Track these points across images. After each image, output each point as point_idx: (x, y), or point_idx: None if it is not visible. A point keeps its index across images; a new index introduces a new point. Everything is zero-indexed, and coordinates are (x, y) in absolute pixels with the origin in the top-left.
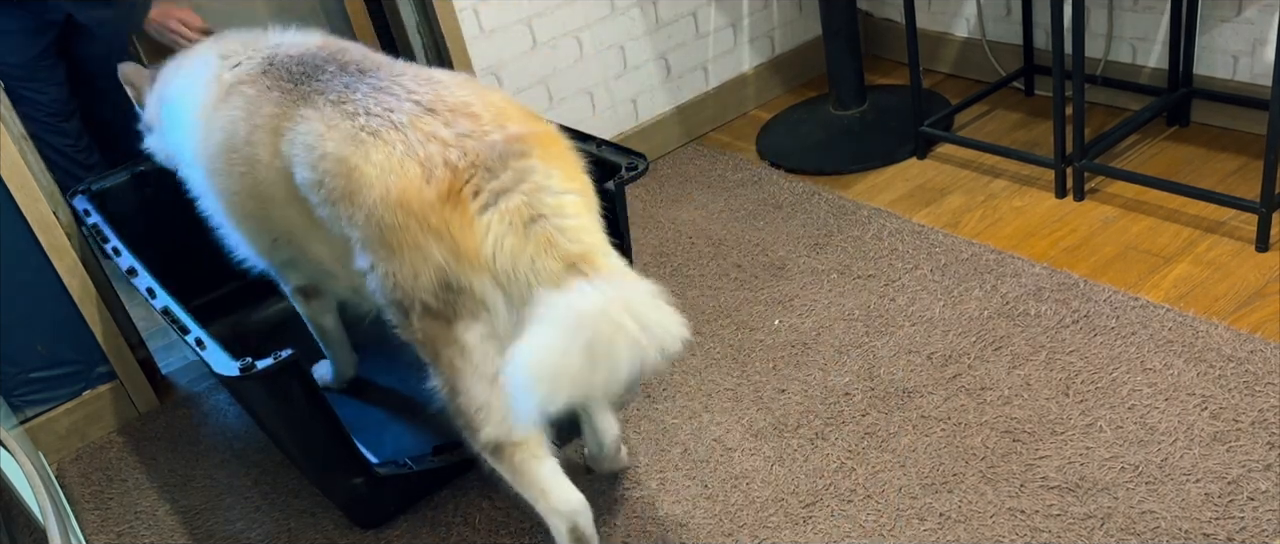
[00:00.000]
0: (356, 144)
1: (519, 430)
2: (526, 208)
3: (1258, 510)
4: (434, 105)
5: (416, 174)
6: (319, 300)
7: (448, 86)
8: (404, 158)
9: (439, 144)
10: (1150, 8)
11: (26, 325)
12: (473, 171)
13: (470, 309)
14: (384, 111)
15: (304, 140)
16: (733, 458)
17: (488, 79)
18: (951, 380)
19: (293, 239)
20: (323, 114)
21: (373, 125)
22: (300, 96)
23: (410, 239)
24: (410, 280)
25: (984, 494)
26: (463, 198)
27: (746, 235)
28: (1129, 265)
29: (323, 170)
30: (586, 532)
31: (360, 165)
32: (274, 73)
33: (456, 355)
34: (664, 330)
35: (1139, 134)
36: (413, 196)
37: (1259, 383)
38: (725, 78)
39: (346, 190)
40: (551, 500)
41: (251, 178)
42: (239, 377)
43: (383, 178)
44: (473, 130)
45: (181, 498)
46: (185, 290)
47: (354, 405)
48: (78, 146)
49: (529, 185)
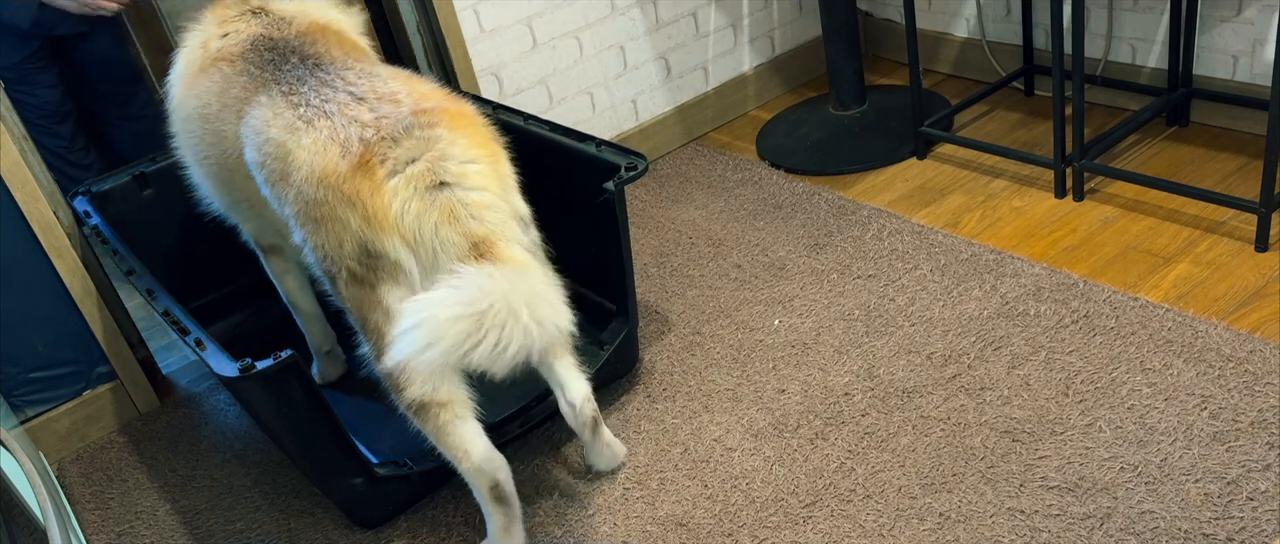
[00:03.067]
0: (292, 131)
1: (444, 392)
2: (429, 173)
3: (1257, 510)
4: (365, 95)
5: (336, 153)
6: (280, 259)
7: (384, 79)
8: (328, 141)
9: (359, 126)
10: (1150, 8)
11: (27, 325)
12: (381, 143)
13: (390, 273)
14: (320, 102)
15: (253, 125)
16: (733, 458)
17: (488, 79)
18: (951, 380)
19: (252, 204)
20: (273, 102)
21: (308, 115)
22: (261, 84)
23: (330, 211)
24: (335, 249)
25: (984, 494)
26: (372, 166)
27: (746, 235)
28: (1129, 265)
29: (265, 153)
30: (506, 490)
31: (294, 150)
32: (251, 56)
33: (381, 319)
34: (554, 325)
35: (1139, 134)
36: (331, 171)
37: (1259, 383)
38: (725, 78)
39: (282, 172)
40: (473, 460)
41: (219, 149)
42: (239, 377)
43: (309, 159)
44: (391, 112)
45: (181, 498)
46: (185, 291)
47: (354, 405)
48: (72, 148)
49: (433, 153)
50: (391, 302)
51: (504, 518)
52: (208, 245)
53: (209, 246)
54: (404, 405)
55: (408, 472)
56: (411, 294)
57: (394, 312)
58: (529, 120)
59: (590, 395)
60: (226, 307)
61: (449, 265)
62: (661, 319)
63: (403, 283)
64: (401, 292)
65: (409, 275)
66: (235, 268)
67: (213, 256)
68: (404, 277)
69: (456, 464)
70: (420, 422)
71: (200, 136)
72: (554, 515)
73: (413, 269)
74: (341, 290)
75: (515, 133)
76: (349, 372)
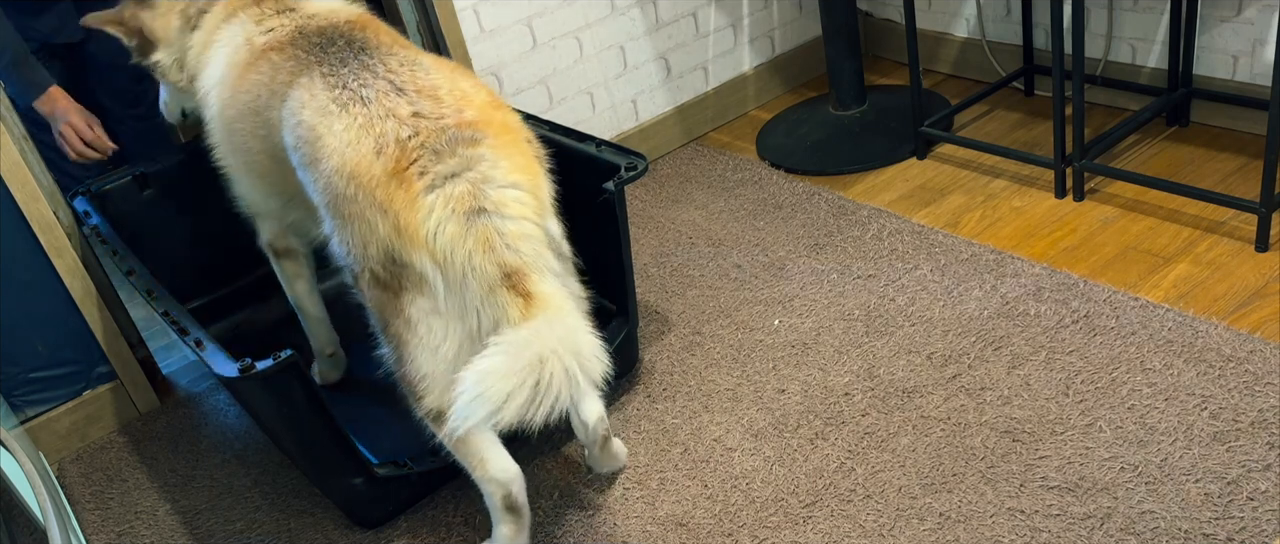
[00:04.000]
0: (324, 114)
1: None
2: (470, 197)
3: (1257, 510)
4: (404, 86)
5: (369, 148)
6: (293, 262)
7: (426, 70)
8: (361, 132)
9: (395, 121)
10: (1150, 8)
11: (27, 325)
12: (421, 152)
13: (415, 284)
14: (357, 87)
15: (290, 106)
16: (733, 458)
17: (488, 79)
18: (951, 380)
19: (298, 198)
20: (312, 84)
21: (343, 98)
22: (305, 67)
23: (358, 210)
24: (360, 249)
25: (984, 494)
26: (408, 176)
27: (746, 235)
28: (1129, 265)
29: (298, 136)
30: (519, 500)
31: (324, 135)
32: (300, 42)
33: (402, 327)
34: (594, 367)
35: (1139, 134)
36: (363, 170)
37: (1259, 383)
38: (725, 78)
39: (313, 156)
40: (488, 469)
41: (269, 141)
42: (238, 377)
43: (340, 149)
44: (430, 111)
45: (182, 498)
46: (185, 291)
47: (354, 405)
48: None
49: (475, 174)
50: (413, 311)
51: (514, 527)
52: (207, 245)
53: (209, 246)
54: (421, 413)
55: (408, 472)
56: (435, 307)
57: (415, 321)
58: (529, 120)
59: (604, 415)
60: (226, 307)
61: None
62: (661, 319)
63: (427, 294)
64: (425, 302)
65: (433, 289)
66: (235, 268)
67: (213, 257)
68: (428, 289)
69: (471, 472)
70: (436, 429)
71: (250, 131)
72: (554, 515)
73: (438, 284)
74: (365, 289)
75: None
76: (349, 372)
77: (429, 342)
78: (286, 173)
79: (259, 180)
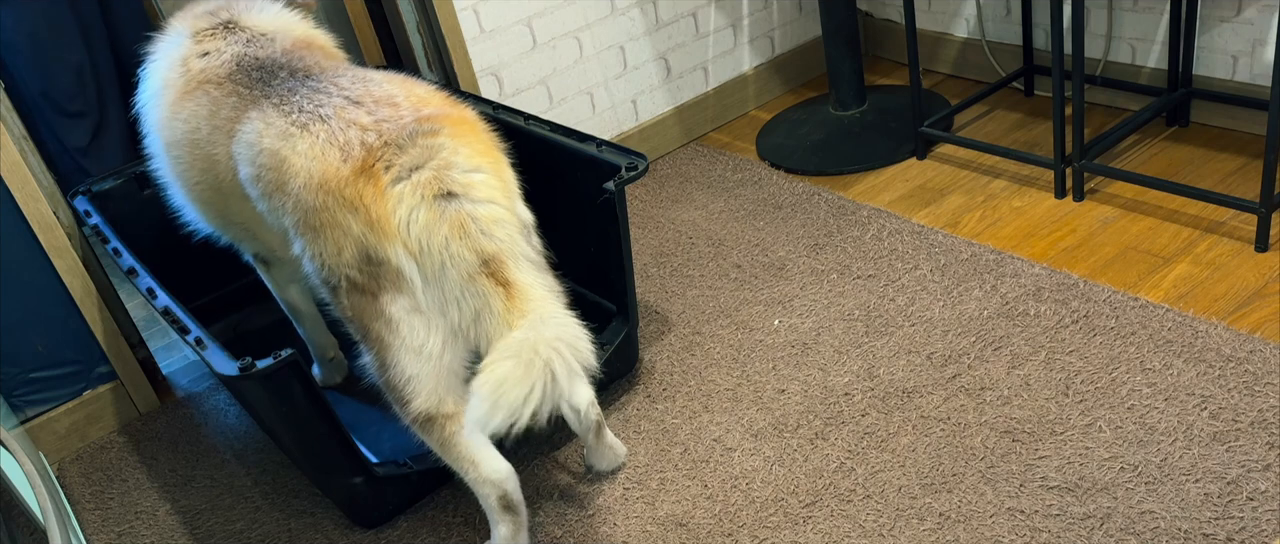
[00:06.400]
0: (286, 138)
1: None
2: (436, 182)
3: (1257, 510)
4: (361, 98)
5: (335, 157)
6: (279, 269)
7: (378, 83)
8: (326, 145)
9: (358, 129)
10: (1150, 8)
11: (26, 325)
12: (385, 149)
13: (392, 281)
14: (314, 107)
15: (246, 139)
16: (733, 458)
17: (488, 79)
18: (951, 380)
19: (248, 226)
20: (264, 114)
21: (302, 120)
22: (252, 101)
23: (330, 217)
24: (335, 257)
25: (984, 494)
26: (375, 172)
27: (746, 235)
28: (1128, 265)
29: (259, 165)
30: (514, 499)
31: (289, 157)
32: (238, 77)
33: (383, 329)
34: (588, 358)
35: (1139, 134)
36: (331, 175)
37: (1258, 383)
38: (725, 78)
39: (278, 182)
40: (481, 470)
41: (212, 174)
42: (239, 376)
43: (307, 165)
44: (390, 115)
45: (182, 498)
46: (186, 291)
47: (354, 405)
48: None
49: (438, 161)
50: (394, 311)
51: (512, 526)
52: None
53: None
54: (408, 419)
55: (408, 472)
56: (415, 304)
57: (397, 321)
58: (529, 121)
59: (594, 400)
60: (226, 306)
61: (456, 280)
62: (661, 319)
63: (406, 292)
64: (405, 300)
65: (411, 284)
66: (235, 268)
67: (213, 256)
68: (407, 285)
69: (464, 475)
70: (425, 434)
71: (189, 162)
72: (554, 516)
73: (415, 278)
74: (342, 301)
75: (516, 133)
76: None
77: (412, 341)
78: (231, 202)
79: (200, 205)
